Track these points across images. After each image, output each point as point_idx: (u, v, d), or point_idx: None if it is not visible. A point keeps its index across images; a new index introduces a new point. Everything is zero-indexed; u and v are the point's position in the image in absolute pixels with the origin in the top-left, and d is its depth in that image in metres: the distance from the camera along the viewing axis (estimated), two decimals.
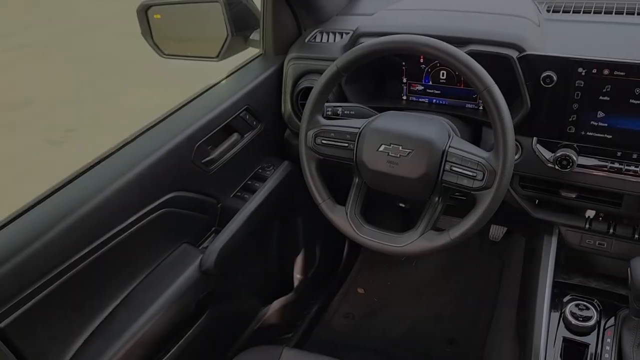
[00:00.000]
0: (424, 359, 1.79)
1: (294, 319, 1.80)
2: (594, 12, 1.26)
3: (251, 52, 1.51)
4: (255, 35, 1.49)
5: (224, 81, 1.41)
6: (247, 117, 1.37)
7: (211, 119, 1.27)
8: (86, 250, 0.99)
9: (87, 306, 1.04)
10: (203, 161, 1.26)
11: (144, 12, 1.46)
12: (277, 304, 1.68)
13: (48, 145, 4.04)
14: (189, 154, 1.21)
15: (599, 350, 1.08)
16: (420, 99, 1.32)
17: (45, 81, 5.28)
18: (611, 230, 1.18)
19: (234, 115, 1.33)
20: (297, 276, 1.77)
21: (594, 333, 1.10)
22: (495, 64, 1.08)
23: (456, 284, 2.05)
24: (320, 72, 1.19)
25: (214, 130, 1.27)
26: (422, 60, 1.28)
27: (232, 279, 1.42)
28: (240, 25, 1.45)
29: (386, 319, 1.94)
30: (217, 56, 1.46)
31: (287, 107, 1.43)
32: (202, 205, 1.28)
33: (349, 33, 1.36)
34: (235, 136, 1.36)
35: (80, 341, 1.01)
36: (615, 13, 1.24)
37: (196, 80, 1.41)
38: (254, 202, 1.33)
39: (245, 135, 1.39)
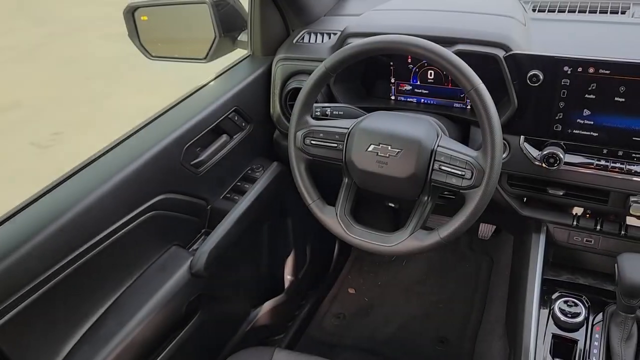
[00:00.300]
0: (415, 358, 1.80)
1: (285, 320, 1.80)
2: (579, 12, 1.27)
3: (239, 53, 1.51)
4: (243, 37, 1.49)
5: (212, 82, 1.41)
6: (236, 118, 1.37)
7: (200, 120, 1.26)
8: (75, 254, 0.98)
9: (76, 310, 1.03)
10: (192, 163, 1.25)
11: (130, 14, 1.45)
12: (268, 305, 1.68)
13: (35, 149, 4.00)
14: (178, 155, 1.21)
15: (587, 346, 1.09)
16: (408, 99, 1.33)
17: (33, 84, 5.22)
18: (598, 227, 1.19)
19: (222, 117, 1.32)
20: (288, 277, 1.77)
21: (583, 329, 1.11)
22: (483, 63, 1.09)
23: (446, 283, 2.06)
24: (308, 72, 1.19)
25: (203, 132, 1.27)
26: (409, 60, 1.29)
27: (222, 281, 1.41)
28: (228, 26, 1.44)
29: (377, 319, 1.94)
30: (205, 57, 1.46)
31: (275, 108, 1.42)
32: (191, 208, 1.27)
33: (336, 34, 1.36)
34: (224, 137, 1.36)
35: (69, 346, 1.00)
36: (600, 12, 1.26)
37: (187, 81, 1.40)
38: (243, 204, 1.33)
39: (234, 137, 1.38)
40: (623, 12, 1.24)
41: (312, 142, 1.11)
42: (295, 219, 1.71)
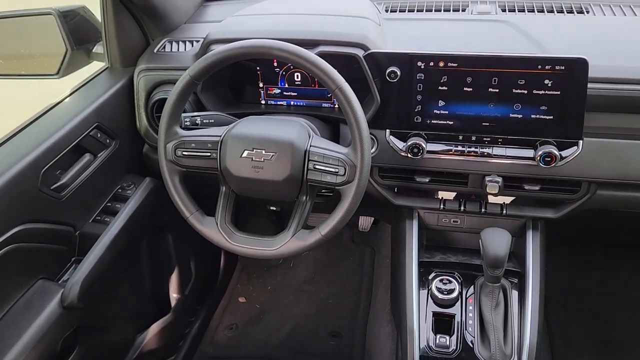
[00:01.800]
0: (311, 357, 1.82)
1: (175, 341, 1.73)
2: (426, 10, 1.37)
3: (98, 66, 1.42)
4: (98, 48, 1.41)
5: (68, 99, 1.31)
6: (99, 135, 1.28)
7: (57, 140, 1.17)
8: None
9: None
10: (52, 187, 1.16)
11: None
12: (155, 328, 1.60)
13: None
14: (35, 181, 1.11)
15: (464, 319, 1.18)
16: (278, 102, 1.34)
17: None
18: (462, 208, 1.29)
19: (83, 135, 1.24)
20: (174, 295, 1.70)
21: (458, 304, 1.20)
22: (345, 63, 1.13)
23: (334, 278, 2.11)
24: (173, 82, 1.16)
25: (62, 153, 1.18)
26: (275, 64, 1.30)
27: (101, 310, 1.32)
28: (81, 38, 1.35)
29: (270, 324, 1.94)
30: (57, 73, 1.35)
31: (142, 121, 1.36)
32: (56, 236, 1.17)
33: (199, 41, 1.34)
34: (87, 157, 1.27)
35: None
36: (444, 10, 1.37)
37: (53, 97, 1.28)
38: (116, 225, 1.25)
39: (98, 155, 1.30)
40: (463, 10, 1.37)
41: (184, 153, 1.08)
42: (175, 234, 1.65)
